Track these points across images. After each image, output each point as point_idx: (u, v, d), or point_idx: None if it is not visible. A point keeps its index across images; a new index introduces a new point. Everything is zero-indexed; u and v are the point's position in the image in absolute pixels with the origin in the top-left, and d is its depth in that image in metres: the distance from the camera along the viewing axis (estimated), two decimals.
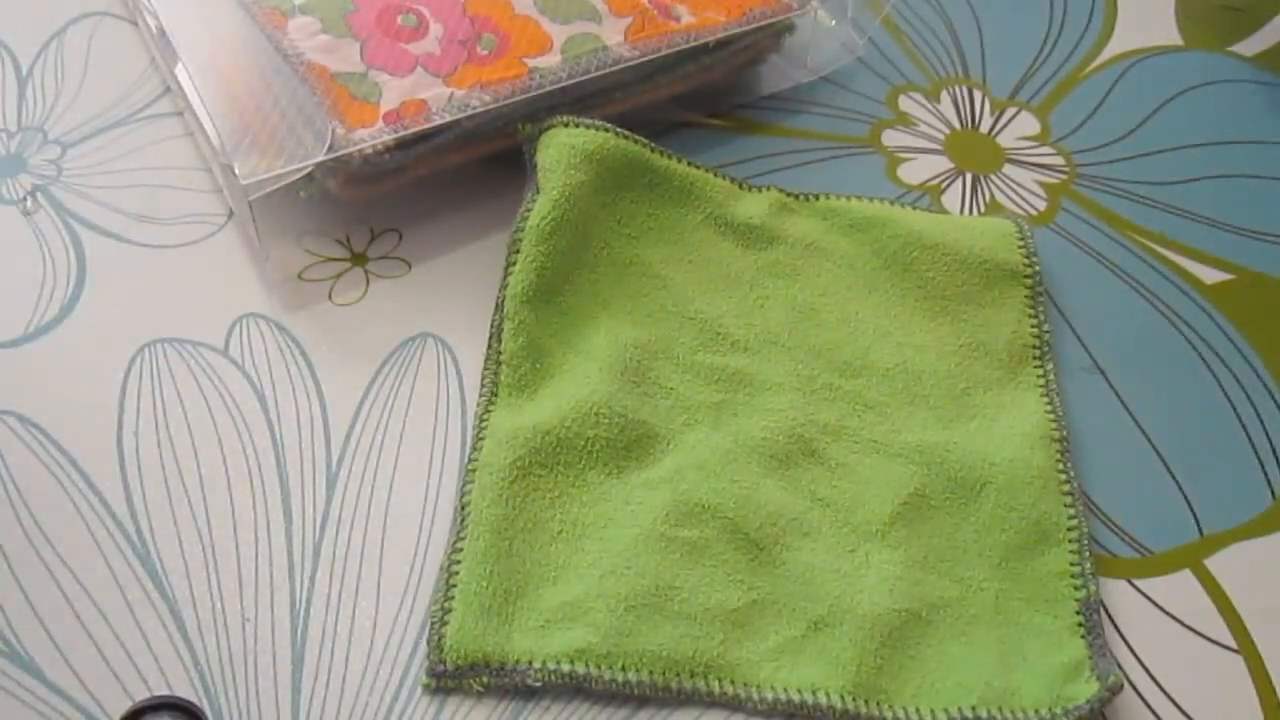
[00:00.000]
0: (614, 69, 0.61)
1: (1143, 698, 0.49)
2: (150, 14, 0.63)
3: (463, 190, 0.63)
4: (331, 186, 0.58)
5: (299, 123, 0.57)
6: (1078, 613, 0.50)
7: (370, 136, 0.57)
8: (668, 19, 0.64)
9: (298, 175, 0.56)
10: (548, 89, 0.60)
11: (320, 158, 0.56)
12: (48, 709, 0.45)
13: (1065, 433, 0.55)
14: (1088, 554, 0.51)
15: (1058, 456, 0.54)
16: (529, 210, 0.57)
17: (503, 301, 0.56)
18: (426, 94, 0.59)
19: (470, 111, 0.59)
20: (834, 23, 0.69)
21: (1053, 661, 0.48)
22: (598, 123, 0.60)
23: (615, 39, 0.62)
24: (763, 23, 0.65)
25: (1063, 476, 0.53)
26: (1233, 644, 0.50)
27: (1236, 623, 0.51)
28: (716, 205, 0.61)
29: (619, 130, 0.60)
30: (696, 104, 0.67)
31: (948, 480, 0.53)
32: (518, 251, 0.56)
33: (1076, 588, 0.50)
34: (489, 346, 0.56)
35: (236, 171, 0.55)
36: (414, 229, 0.62)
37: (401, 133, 0.57)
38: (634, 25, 0.63)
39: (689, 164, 0.61)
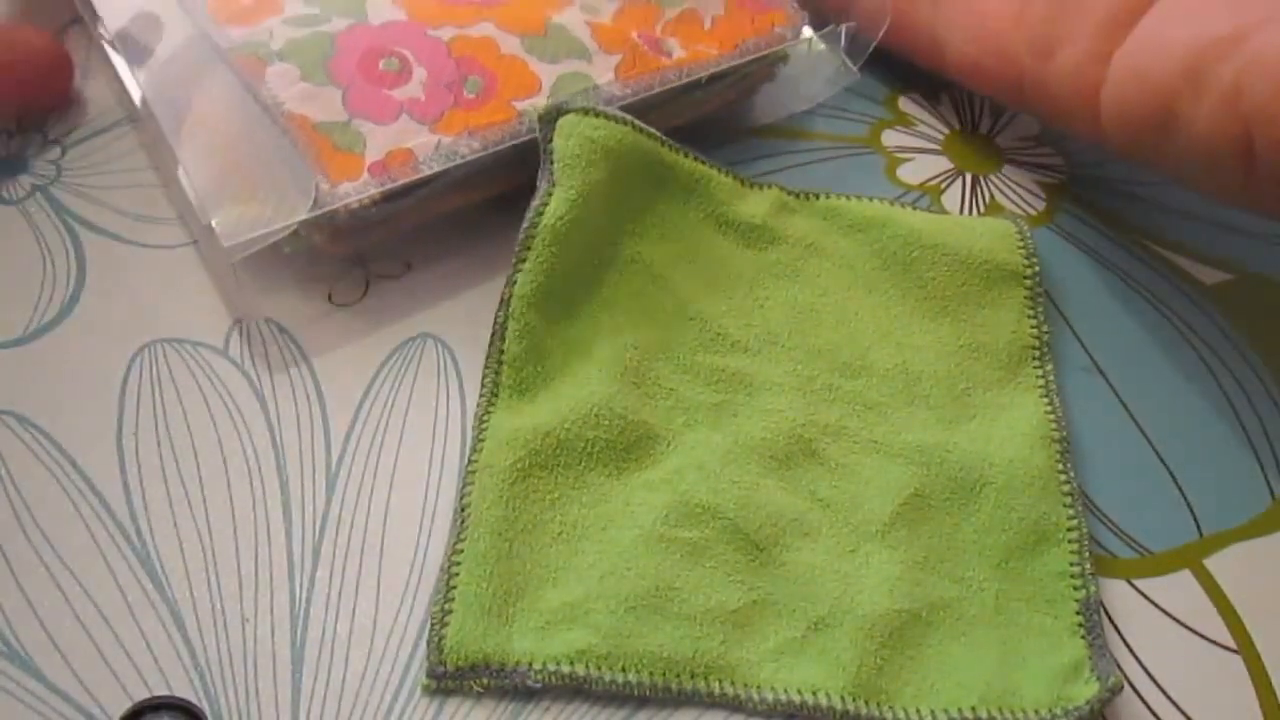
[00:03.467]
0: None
1: (1142, 698, 0.49)
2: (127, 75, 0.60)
3: None
4: (318, 241, 0.56)
5: (283, 178, 0.55)
6: (1078, 613, 0.50)
7: (356, 190, 0.55)
8: (659, 54, 0.62)
9: (282, 234, 0.54)
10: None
11: (303, 216, 0.54)
12: (48, 709, 0.45)
13: (1065, 433, 0.55)
14: (1087, 554, 0.51)
15: (1057, 457, 0.54)
16: (544, 206, 0.56)
17: (509, 299, 0.55)
18: (413, 142, 0.56)
19: (458, 160, 0.57)
20: (826, 49, 0.67)
21: (1053, 662, 0.48)
22: (616, 113, 0.58)
23: (606, 77, 0.60)
24: (755, 55, 0.63)
25: (1062, 477, 0.53)
26: (1232, 644, 0.50)
27: (1236, 623, 0.51)
28: (719, 203, 0.61)
29: (636, 123, 0.59)
30: (689, 138, 0.63)
31: (948, 481, 0.53)
32: (529, 249, 0.55)
33: (1076, 588, 0.50)
34: (491, 345, 0.55)
35: (218, 231, 0.53)
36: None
37: (388, 185, 0.55)
38: (625, 62, 0.61)
39: (695, 158, 0.61)
